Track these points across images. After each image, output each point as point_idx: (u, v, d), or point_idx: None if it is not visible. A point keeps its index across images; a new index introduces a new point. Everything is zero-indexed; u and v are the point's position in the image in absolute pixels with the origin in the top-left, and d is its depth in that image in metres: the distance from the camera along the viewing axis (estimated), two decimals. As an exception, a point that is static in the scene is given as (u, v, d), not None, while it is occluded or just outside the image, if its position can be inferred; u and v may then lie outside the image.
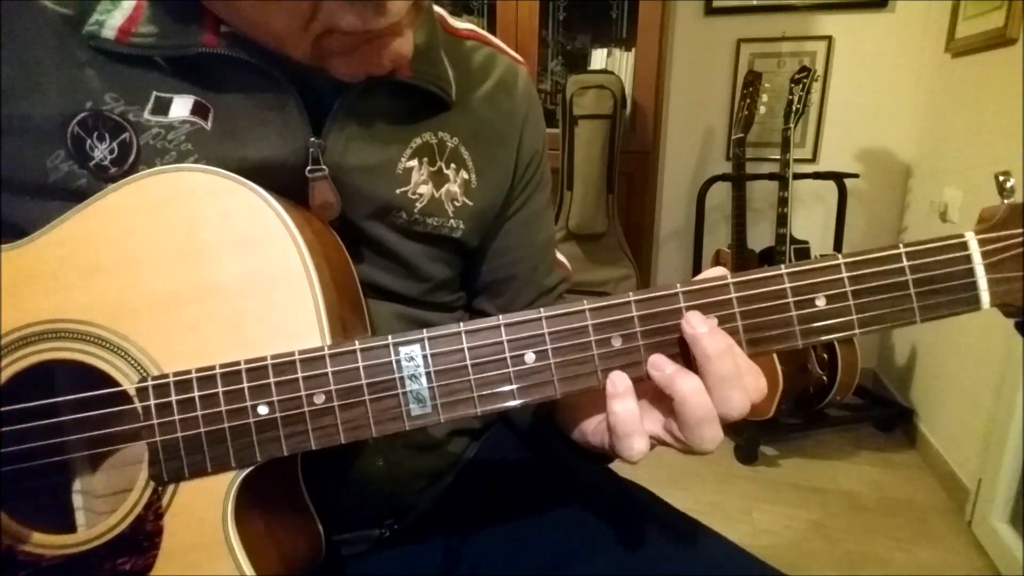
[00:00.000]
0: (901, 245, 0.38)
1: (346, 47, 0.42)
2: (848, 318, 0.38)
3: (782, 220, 1.84)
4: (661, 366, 0.39)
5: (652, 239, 2.35)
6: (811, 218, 2.23)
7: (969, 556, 1.47)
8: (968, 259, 0.38)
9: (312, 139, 0.45)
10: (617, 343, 0.39)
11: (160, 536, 0.40)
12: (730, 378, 0.37)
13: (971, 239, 0.38)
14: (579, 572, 0.50)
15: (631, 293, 0.39)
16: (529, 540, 0.54)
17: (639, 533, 0.52)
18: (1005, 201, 0.38)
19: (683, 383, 0.38)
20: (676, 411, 0.38)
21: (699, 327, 0.38)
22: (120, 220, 0.41)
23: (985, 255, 0.38)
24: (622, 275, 2.04)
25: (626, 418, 0.39)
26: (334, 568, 0.54)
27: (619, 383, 0.39)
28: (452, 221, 0.53)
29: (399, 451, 0.54)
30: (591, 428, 0.46)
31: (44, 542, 0.41)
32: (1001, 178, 0.38)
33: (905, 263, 0.38)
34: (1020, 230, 0.37)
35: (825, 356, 1.85)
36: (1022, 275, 0.37)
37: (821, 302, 0.38)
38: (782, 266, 0.38)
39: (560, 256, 0.67)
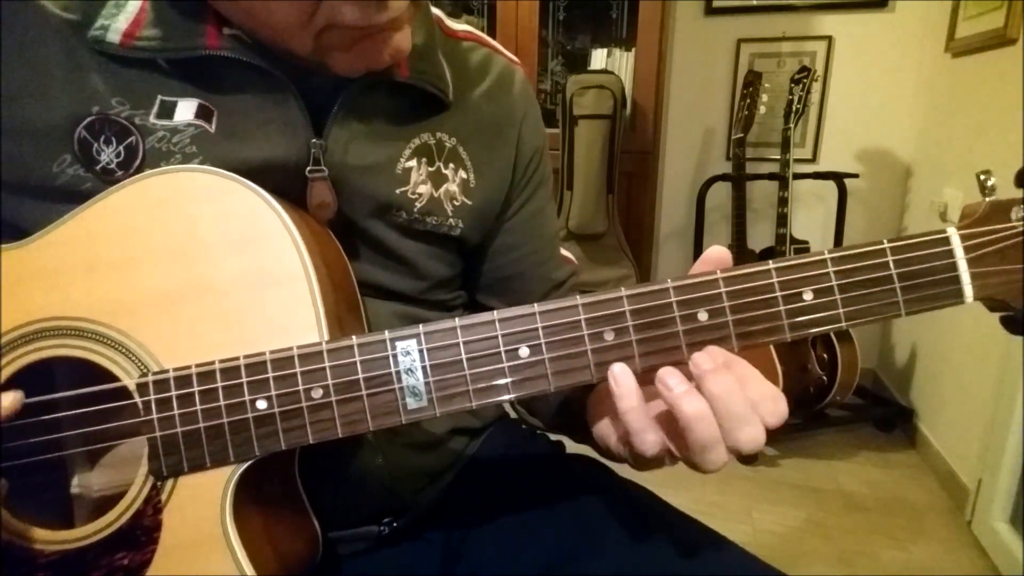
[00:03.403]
0: (885, 241, 0.39)
1: (347, 42, 0.42)
2: (835, 312, 0.39)
3: (782, 220, 1.84)
4: (669, 385, 0.38)
5: (652, 239, 2.35)
6: (811, 218, 2.23)
7: (969, 556, 1.47)
8: (951, 254, 0.39)
9: (314, 140, 0.46)
10: (609, 337, 0.39)
11: (158, 531, 0.40)
12: (735, 417, 0.37)
13: (953, 234, 0.39)
14: (579, 572, 0.50)
15: (623, 288, 0.39)
16: (528, 540, 0.54)
17: (639, 533, 0.52)
18: (987, 199, 0.39)
19: (688, 406, 0.37)
20: (681, 431, 0.38)
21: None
22: (121, 220, 0.42)
23: (967, 250, 0.39)
24: (622, 275, 2.05)
25: (633, 416, 0.38)
26: (333, 566, 0.54)
27: (623, 381, 0.38)
28: (451, 220, 0.53)
29: (398, 449, 0.54)
30: (605, 426, 0.45)
31: (43, 537, 0.42)
32: (982, 177, 0.39)
33: (889, 258, 0.39)
34: (1001, 226, 0.38)
35: (825, 356, 1.85)
36: (1003, 269, 0.38)
37: (808, 296, 0.39)
38: (770, 261, 0.39)
39: (565, 252, 0.68)
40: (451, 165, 0.53)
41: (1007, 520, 1.44)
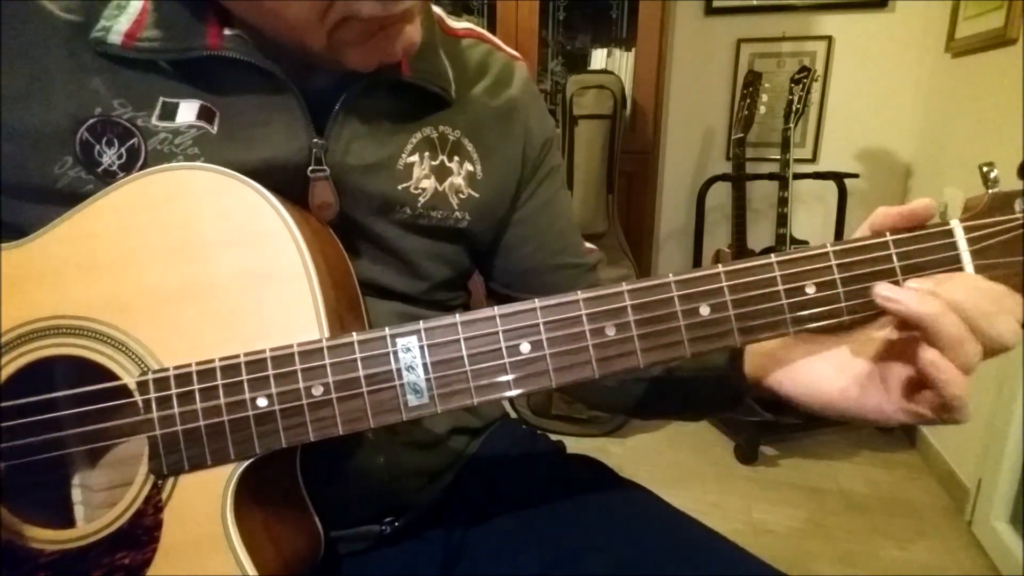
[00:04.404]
0: (888, 234, 0.39)
1: (361, 36, 0.42)
2: (837, 305, 0.39)
3: (782, 220, 1.84)
4: (895, 297, 0.37)
5: (652, 239, 2.35)
6: (811, 218, 2.23)
7: (969, 556, 1.47)
8: (954, 246, 0.39)
9: (315, 140, 0.46)
10: (611, 332, 0.39)
11: (159, 530, 0.40)
12: (986, 314, 0.36)
13: (956, 226, 0.39)
14: (579, 572, 0.50)
15: (624, 283, 0.39)
16: (529, 539, 0.54)
17: (639, 533, 0.52)
18: (989, 191, 0.39)
19: (927, 307, 0.36)
20: (929, 338, 0.37)
21: (903, 295, 0.37)
22: (121, 218, 0.42)
23: (971, 242, 0.39)
24: (622, 275, 2.04)
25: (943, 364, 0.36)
26: (333, 566, 0.54)
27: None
28: (457, 213, 0.53)
29: (399, 448, 0.54)
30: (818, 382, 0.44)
31: (44, 537, 0.42)
32: (985, 169, 0.39)
33: (892, 250, 0.39)
34: (1004, 217, 0.38)
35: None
36: (1007, 261, 0.38)
37: (811, 290, 0.39)
38: (772, 255, 0.39)
39: (589, 245, 0.67)
40: (456, 158, 0.53)
41: (1007, 520, 1.44)
